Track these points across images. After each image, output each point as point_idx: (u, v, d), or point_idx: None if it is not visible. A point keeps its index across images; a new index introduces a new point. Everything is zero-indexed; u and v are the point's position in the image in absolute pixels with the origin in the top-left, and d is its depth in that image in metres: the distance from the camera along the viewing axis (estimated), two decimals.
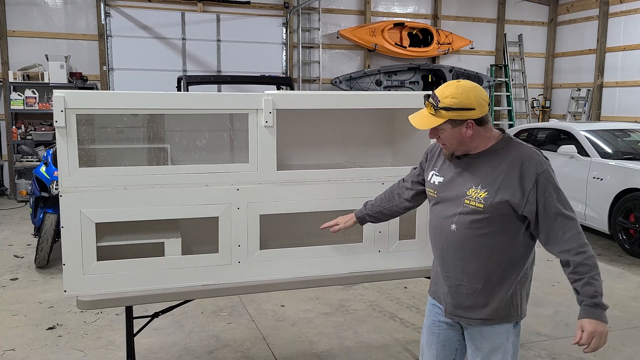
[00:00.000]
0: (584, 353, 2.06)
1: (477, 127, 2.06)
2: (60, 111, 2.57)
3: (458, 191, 2.14)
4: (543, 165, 2.04)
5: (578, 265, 1.99)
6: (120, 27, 9.70)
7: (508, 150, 2.09)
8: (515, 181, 2.02)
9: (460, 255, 2.14)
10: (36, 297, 4.92)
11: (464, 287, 2.16)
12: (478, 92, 2.03)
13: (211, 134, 3.45)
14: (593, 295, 1.97)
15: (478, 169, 2.11)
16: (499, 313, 2.15)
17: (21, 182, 9.25)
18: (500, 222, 2.07)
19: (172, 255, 2.84)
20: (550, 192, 2.02)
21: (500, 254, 2.10)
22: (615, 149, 6.96)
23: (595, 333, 1.96)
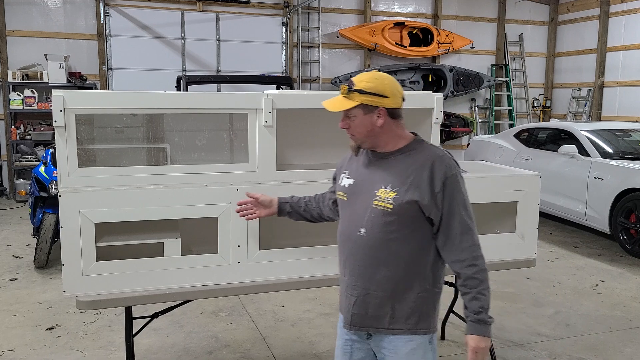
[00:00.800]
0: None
1: (388, 118, 2.01)
2: (60, 111, 2.56)
3: (368, 192, 2.06)
4: (452, 169, 2.00)
5: (468, 278, 1.97)
6: (119, 26, 9.68)
7: (420, 151, 2.04)
8: (425, 182, 1.98)
9: (368, 262, 2.05)
10: (35, 297, 4.91)
11: (371, 295, 2.06)
12: (394, 84, 2.02)
13: (211, 133, 3.44)
14: (477, 311, 1.95)
15: (389, 169, 2.04)
16: (408, 323, 2.05)
17: (20, 182, 9.23)
18: (410, 226, 2.01)
19: (172, 255, 2.83)
20: (455, 197, 1.98)
21: (409, 260, 2.02)
22: (616, 148, 6.95)
23: (477, 349, 1.95)
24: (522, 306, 4.84)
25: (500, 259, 3.43)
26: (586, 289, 5.33)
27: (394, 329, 2.06)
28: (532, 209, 3.46)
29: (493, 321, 1.98)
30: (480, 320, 1.95)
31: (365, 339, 2.15)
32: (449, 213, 1.99)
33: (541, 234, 7.14)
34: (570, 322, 4.52)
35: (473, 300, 1.96)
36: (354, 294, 2.09)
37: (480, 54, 11.95)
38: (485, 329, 1.96)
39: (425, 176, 1.98)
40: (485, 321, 1.96)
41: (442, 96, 3.16)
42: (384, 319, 2.06)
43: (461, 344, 4.07)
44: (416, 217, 2.00)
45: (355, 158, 2.19)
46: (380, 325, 2.07)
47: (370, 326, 2.09)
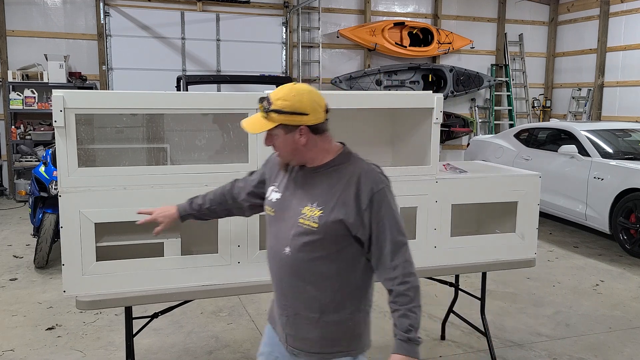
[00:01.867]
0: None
1: (311, 135, 1.90)
2: (60, 111, 2.56)
3: (294, 210, 1.95)
4: (379, 184, 1.89)
5: (398, 295, 1.88)
6: (119, 26, 9.68)
7: (347, 165, 1.94)
8: (352, 199, 1.87)
9: (294, 282, 1.95)
10: (35, 297, 4.91)
11: (300, 316, 1.97)
12: (314, 97, 1.88)
13: (211, 133, 3.44)
14: (407, 329, 1.85)
15: (315, 185, 1.94)
16: (339, 345, 1.97)
17: (20, 182, 9.23)
18: (336, 245, 1.90)
19: (172, 255, 2.83)
20: (383, 214, 1.88)
21: (337, 280, 1.93)
22: (616, 148, 6.95)
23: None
24: (522, 306, 4.84)
25: (500, 259, 3.43)
26: (586, 289, 5.33)
27: (325, 353, 1.97)
28: (532, 209, 3.46)
29: (422, 342, 1.89)
30: (409, 339, 1.85)
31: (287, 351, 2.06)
32: (378, 231, 1.89)
33: (541, 234, 7.14)
34: (570, 322, 4.52)
35: (402, 318, 1.86)
36: (284, 314, 2.02)
37: (480, 54, 11.95)
38: (413, 348, 1.85)
39: (351, 193, 1.88)
40: (415, 340, 1.85)
41: (442, 96, 3.16)
42: (315, 342, 1.97)
43: (461, 344, 4.07)
44: (343, 236, 1.90)
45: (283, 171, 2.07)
46: (312, 349, 1.98)
47: (302, 349, 1.99)
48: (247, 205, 2.27)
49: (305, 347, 1.99)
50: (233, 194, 2.31)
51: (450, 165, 3.58)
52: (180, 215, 2.39)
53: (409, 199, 3.14)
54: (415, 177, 3.15)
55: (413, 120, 3.42)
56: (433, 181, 3.19)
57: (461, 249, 3.32)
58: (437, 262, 3.28)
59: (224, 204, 2.33)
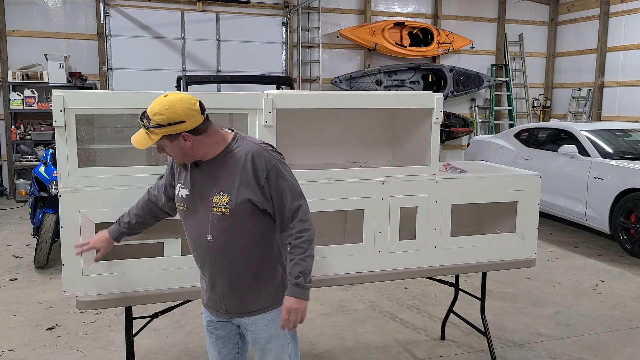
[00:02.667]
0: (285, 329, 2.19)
1: (194, 137, 2.07)
2: (60, 111, 2.56)
3: (205, 201, 2.15)
4: (272, 160, 2.12)
5: (294, 247, 2.13)
6: (119, 26, 9.68)
7: (239, 149, 2.14)
8: (252, 178, 2.10)
9: (223, 263, 2.18)
10: (35, 297, 4.91)
11: (236, 288, 2.21)
12: (185, 104, 2.04)
13: None
14: (297, 275, 2.11)
15: (217, 174, 2.14)
16: (275, 297, 2.23)
17: (20, 182, 9.23)
18: (250, 221, 2.14)
19: (172, 255, 2.83)
20: (281, 186, 2.12)
21: (258, 249, 2.17)
22: (616, 148, 6.95)
23: (291, 309, 2.12)
24: (522, 306, 4.84)
25: (500, 259, 3.43)
26: (586, 289, 5.33)
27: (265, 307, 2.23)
28: (532, 209, 3.46)
29: (311, 286, 2.15)
30: (297, 284, 2.11)
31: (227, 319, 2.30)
32: (278, 201, 2.13)
33: (541, 234, 7.14)
34: (570, 322, 4.51)
35: (295, 266, 2.12)
36: (220, 291, 2.24)
37: (480, 54, 11.95)
38: (301, 292, 2.12)
39: (249, 173, 2.10)
40: (303, 285, 2.11)
41: (442, 96, 3.16)
42: (254, 303, 2.22)
43: (461, 344, 4.07)
44: (253, 212, 2.13)
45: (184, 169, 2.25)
46: (253, 308, 2.22)
47: (243, 312, 2.24)
48: (169, 205, 2.44)
49: (246, 310, 2.23)
50: (152, 201, 2.48)
51: (450, 165, 3.58)
52: (112, 237, 2.52)
53: (409, 199, 3.14)
54: (415, 177, 3.15)
55: (413, 120, 3.42)
56: (433, 181, 3.19)
57: (461, 249, 3.32)
58: (437, 262, 3.28)
59: (149, 213, 2.49)
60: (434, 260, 3.27)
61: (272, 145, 2.20)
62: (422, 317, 4.55)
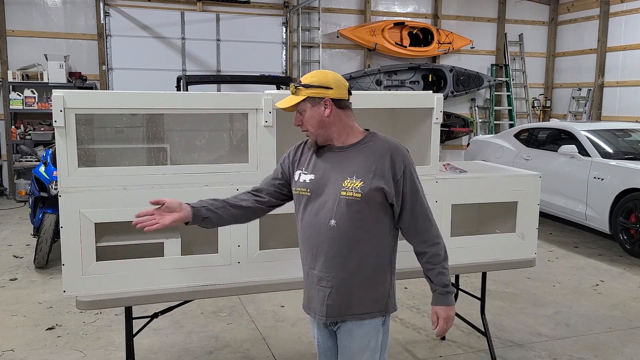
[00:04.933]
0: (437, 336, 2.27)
1: (335, 108, 2.13)
2: (60, 111, 2.56)
3: (333, 185, 2.13)
4: (409, 159, 2.16)
5: (433, 255, 2.15)
6: (119, 26, 9.68)
7: (377, 143, 2.16)
8: (388, 170, 2.11)
9: (340, 251, 2.12)
10: (35, 297, 4.91)
11: (345, 282, 2.14)
12: (337, 77, 2.16)
13: (211, 133, 3.44)
14: (444, 285, 2.15)
15: (350, 161, 2.14)
16: (378, 305, 2.18)
17: (20, 182, 9.23)
18: (376, 213, 2.12)
19: (172, 255, 2.83)
20: (415, 184, 2.15)
21: (376, 246, 2.15)
22: (616, 148, 6.95)
23: (448, 318, 2.17)
24: (522, 306, 4.84)
25: (500, 259, 3.43)
26: (586, 289, 5.33)
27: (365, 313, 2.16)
28: (532, 209, 3.46)
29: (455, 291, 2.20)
30: (448, 292, 2.16)
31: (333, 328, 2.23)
32: (411, 199, 2.14)
33: (541, 234, 7.14)
34: (570, 322, 4.51)
35: (440, 275, 2.15)
36: (328, 285, 2.16)
37: (480, 54, 11.95)
38: (452, 299, 2.18)
39: (386, 165, 2.11)
40: (451, 292, 2.17)
41: (442, 96, 3.16)
42: (358, 305, 2.15)
43: (461, 344, 4.07)
44: (381, 204, 2.12)
45: (306, 155, 2.27)
46: (355, 311, 2.15)
47: (344, 315, 2.16)
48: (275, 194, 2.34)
49: (348, 312, 2.15)
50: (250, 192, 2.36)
51: (450, 165, 3.58)
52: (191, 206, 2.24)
53: None
54: None
55: (413, 120, 3.42)
56: (433, 181, 3.19)
57: (461, 249, 3.32)
58: None
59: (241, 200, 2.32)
60: None
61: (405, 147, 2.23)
62: (422, 317, 4.55)
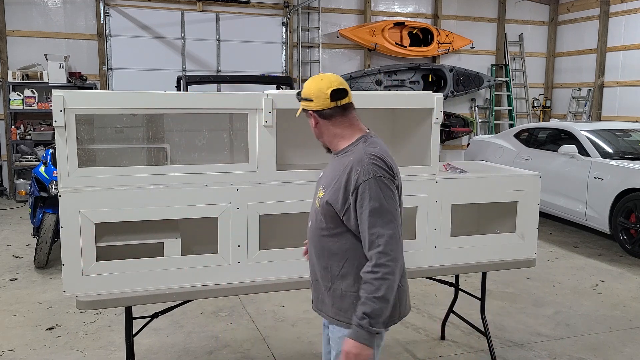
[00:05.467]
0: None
1: (320, 119, 2.12)
2: (60, 111, 2.56)
3: (317, 191, 2.22)
4: (367, 174, 1.97)
5: (364, 282, 1.97)
6: (119, 26, 9.68)
7: (352, 153, 2.07)
8: (342, 185, 2.02)
9: (313, 252, 2.22)
10: (35, 297, 4.91)
11: (319, 282, 2.23)
12: (320, 85, 2.08)
13: (211, 133, 3.44)
14: (361, 317, 1.93)
15: (331, 169, 2.16)
16: (340, 315, 2.13)
17: (20, 182, 9.23)
18: (334, 225, 2.08)
19: (172, 255, 2.83)
20: (365, 205, 1.97)
21: (342, 256, 2.10)
22: (616, 148, 6.95)
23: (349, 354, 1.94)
24: (522, 306, 4.84)
25: (500, 259, 3.43)
26: (586, 289, 5.33)
27: (337, 320, 2.15)
28: (532, 209, 3.46)
29: (377, 331, 1.94)
30: (360, 326, 1.93)
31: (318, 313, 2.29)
32: (360, 219, 2.00)
33: (541, 234, 7.14)
34: (570, 322, 4.51)
35: (361, 305, 1.95)
36: (312, 278, 2.29)
37: (480, 54, 11.95)
38: (363, 335, 1.92)
39: (343, 179, 2.03)
40: (366, 327, 1.91)
41: (442, 96, 3.16)
42: (329, 308, 2.18)
43: (461, 344, 4.07)
44: (335, 218, 2.07)
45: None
46: (328, 313, 2.19)
47: (322, 310, 2.23)
48: None
49: (324, 310, 2.22)
50: None
51: (450, 165, 3.58)
52: None
53: (409, 199, 3.13)
54: (415, 177, 3.15)
55: (413, 120, 3.42)
56: (433, 181, 3.19)
57: (461, 249, 3.32)
58: (437, 262, 3.28)
59: None
60: (434, 260, 3.27)
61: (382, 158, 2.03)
62: (422, 317, 4.55)
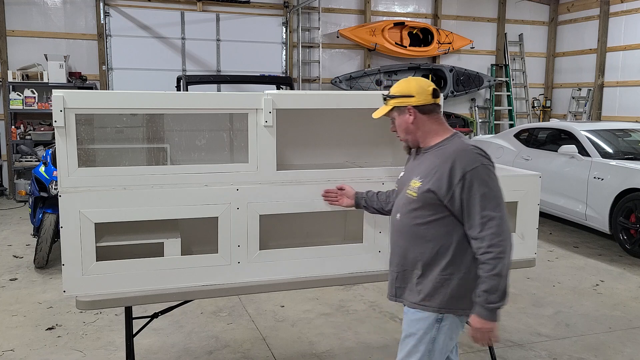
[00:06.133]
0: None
1: (419, 114, 2.30)
2: (60, 111, 2.56)
3: (406, 183, 2.36)
4: (474, 163, 2.17)
5: (481, 263, 2.17)
6: (119, 26, 9.69)
7: (449, 146, 2.27)
8: (446, 174, 2.18)
9: (402, 243, 2.34)
10: (35, 297, 4.91)
11: (407, 272, 2.35)
12: (421, 83, 2.30)
13: (211, 133, 3.44)
14: (479, 294, 2.16)
15: (424, 162, 2.31)
16: (431, 301, 2.28)
17: (20, 182, 9.24)
18: (431, 212, 2.24)
19: (172, 255, 2.83)
20: (475, 190, 2.15)
21: (434, 243, 2.25)
22: (616, 148, 6.95)
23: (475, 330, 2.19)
24: (522, 306, 4.84)
25: None
26: (586, 289, 5.33)
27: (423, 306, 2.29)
28: (532, 209, 3.46)
29: (498, 306, 2.14)
30: (480, 304, 2.16)
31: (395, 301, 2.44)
32: (468, 205, 2.17)
33: (541, 234, 7.14)
34: (570, 322, 4.52)
35: (482, 284, 2.16)
36: (395, 270, 2.40)
37: (480, 54, 11.95)
38: (485, 312, 2.15)
39: (446, 168, 2.19)
40: (484, 305, 2.15)
41: (442, 96, 3.16)
42: (416, 295, 2.31)
43: (461, 344, 4.07)
44: (436, 205, 2.22)
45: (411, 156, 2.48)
46: (414, 300, 2.32)
47: (406, 298, 2.36)
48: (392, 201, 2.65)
49: (409, 298, 2.35)
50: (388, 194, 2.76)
51: None
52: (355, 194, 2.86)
53: None
54: None
55: None
56: None
57: None
58: None
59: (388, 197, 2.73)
60: None
61: (484, 150, 2.26)
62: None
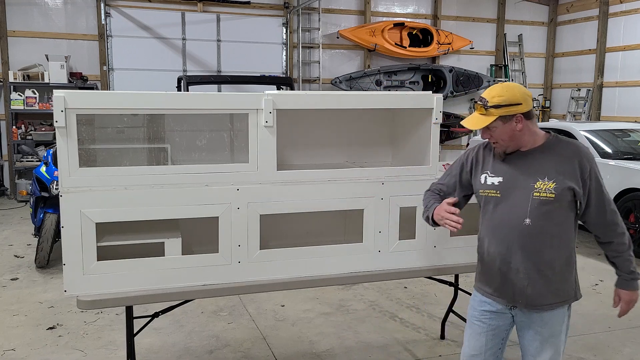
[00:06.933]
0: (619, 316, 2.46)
1: (525, 120, 2.28)
2: (61, 111, 2.57)
3: (523, 187, 2.30)
4: (593, 160, 2.33)
5: (619, 244, 2.34)
6: (120, 27, 9.70)
7: (562, 146, 2.33)
8: (576, 172, 2.28)
9: (535, 248, 2.32)
10: (36, 297, 4.92)
11: (540, 275, 2.33)
12: (522, 89, 2.29)
13: (211, 134, 3.46)
14: (630, 271, 2.35)
15: (538, 163, 2.31)
16: (568, 294, 2.38)
17: (21, 182, 9.25)
18: (565, 210, 2.31)
19: (172, 255, 2.85)
20: (600, 183, 2.32)
21: (566, 239, 2.34)
22: (615, 149, 6.95)
23: (631, 301, 2.38)
24: None
25: None
26: (586, 288, 5.33)
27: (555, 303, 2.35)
28: None
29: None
30: (633, 279, 2.35)
31: (508, 310, 2.42)
32: (597, 196, 2.31)
33: None
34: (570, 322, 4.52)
35: (626, 262, 2.34)
36: (525, 278, 2.34)
37: (479, 55, 11.96)
38: (636, 284, 2.37)
39: (575, 167, 2.28)
40: (637, 278, 2.36)
41: (441, 96, 3.18)
42: (549, 296, 2.34)
43: (461, 344, 4.07)
44: (571, 201, 2.31)
45: (488, 158, 2.43)
46: (546, 301, 2.34)
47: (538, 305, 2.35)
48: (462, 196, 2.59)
49: (540, 302, 2.35)
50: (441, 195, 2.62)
51: None
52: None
53: (409, 198, 3.15)
54: (415, 177, 3.16)
55: (413, 120, 3.43)
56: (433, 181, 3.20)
57: (461, 248, 3.33)
58: (437, 261, 3.29)
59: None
60: (434, 259, 3.28)
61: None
62: (421, 317, 4.56)
